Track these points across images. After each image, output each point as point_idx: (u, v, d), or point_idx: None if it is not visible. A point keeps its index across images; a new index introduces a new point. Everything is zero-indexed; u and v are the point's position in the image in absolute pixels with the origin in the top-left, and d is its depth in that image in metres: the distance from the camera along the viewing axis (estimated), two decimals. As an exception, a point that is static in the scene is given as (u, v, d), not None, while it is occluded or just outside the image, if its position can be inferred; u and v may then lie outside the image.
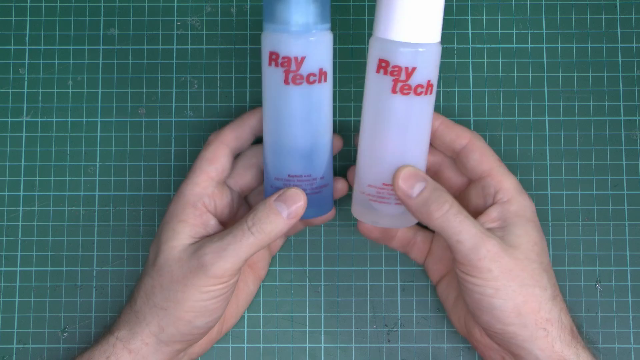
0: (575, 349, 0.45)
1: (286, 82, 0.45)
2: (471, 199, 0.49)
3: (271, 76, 0.45)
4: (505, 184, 0.47)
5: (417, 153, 0.47)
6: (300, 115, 0.46)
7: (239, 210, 0.50)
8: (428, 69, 0.44)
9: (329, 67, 0.46)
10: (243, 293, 0.51)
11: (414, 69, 0.44)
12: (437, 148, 0.50)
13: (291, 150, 0.47)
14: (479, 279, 0.45)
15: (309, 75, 0.45)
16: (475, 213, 0.48)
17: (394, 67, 0.44)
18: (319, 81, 0.45)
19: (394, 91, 0.44)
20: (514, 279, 0.45)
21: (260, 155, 0.50)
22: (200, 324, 0.46)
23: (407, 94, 0.44)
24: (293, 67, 0.44)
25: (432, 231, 0.52)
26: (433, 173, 0.51)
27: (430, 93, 0.45)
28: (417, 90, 0.44)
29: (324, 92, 0.46)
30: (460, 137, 0.49)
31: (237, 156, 0.50)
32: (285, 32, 0.44)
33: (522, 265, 0.45)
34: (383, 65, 0.44)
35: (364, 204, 0.48)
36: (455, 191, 0.51)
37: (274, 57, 0.45)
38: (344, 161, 0.54)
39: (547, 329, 0.45)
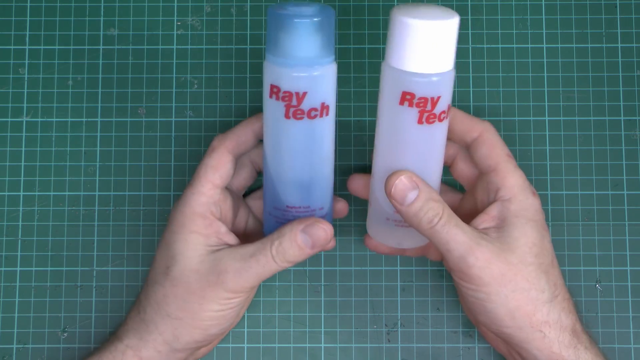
0: (575, 350, 0.45)
1: (287, 116, 0.44)
2: (477, 193, 0.49)
3: (272, 109, 0.44)
4: (508, 181, 0.47)
5: (437, 172, 0.47)
6: (300, 148, 0.45)
7: (239, 210, 0.50)
8: (448, 94, 0.44)
9: (331, 101, 0.44)
10: None
11: (439, 97, 0.43)
12: (451, 139, 0.49)
13: (290, 182, 0.46)
14: (471, 284, 0.45)
15: (310, 110, 0.43)
16: (479, 207, 0.48)
17: (420, 98, 0.43)
18: (321, 115, 0.44)
19: (420, 122, 0.43)
20: (506, 285, 0.44)
21: (253, 152, 0.50)
22: (216, 331, 0.47)
23: (432, 122, 0.44)
24: (294, 102, 0.43)
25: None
26: (447, 164, 0.51)
27: (449, 115, 0.45)
28: (441, 117, 0.44)
29: (326, 126, 0.45)
30: (472, 129, 0.48)
31: None
32: (287, 66, 0.43)
33: (516, 269, 0.45)
34: (408, 98, 0.43)
35: (390, 229, 0.48)
36: (468, 183, 0.50)
37: (275, 90, 0.43)
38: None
39: (544, 331, 0.45)
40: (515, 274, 0.45)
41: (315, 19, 0.42)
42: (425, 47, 0.42)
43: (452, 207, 0.50)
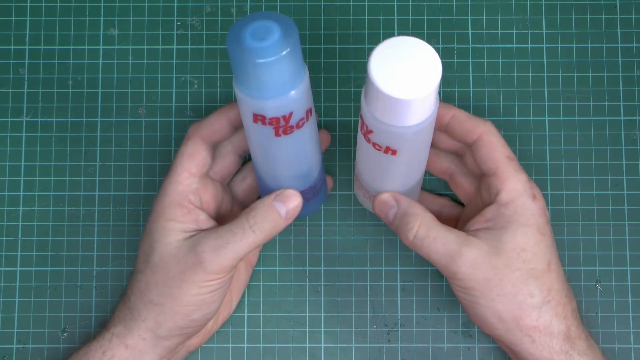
0: (567, 356, 0.45)
1: (277, 134, 0.43)
2: (483, 193, 0.48)
3: (259, 132, 0.43)
4: (508, 185, 0.46)
5: (400, 182, 0.47)
6: (294, 153, 0.45)
7: (224, 198, 0.50)
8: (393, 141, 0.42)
9: (312, 101, 0.44)
10: (236, 282, 0.51)
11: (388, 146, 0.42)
12: (454, 139, 0.49)
13: (286, 178, 0.47)
14: (460, 287, 0.46)
15: (298, 121, 0.43)
16: (483, 208, 0.48)
17: (368, 130, 0.42)
18: (307, 119, 0.43)
19: (368, 141, 0.43)
20: (491, 289, 0.45)
21: (235, 139, 0.50)
22: (198, 316, 0.46)
23: (379, 150, 0.43)
24: (282, 122, 0.42)
25: (458, 209, 0.52)
26: (448, 178, 0.52)
27: (395, 155, 0.43)
28: (387, 151, 0.43)
29: (313, 124, 0.45)
30: (472, 132, 0.47)
31: None
32: (266, 98, 0.40)
33: (502, 274, 0.45)
34: (364, 129, 0.43)
35: (357, 183, 0.50)
36: (470, 195, 0.50)
37: (259, 117, 0.42)
38: (347, 160, 0.54)
39: (533, 336, 0.45)
40: (500, 279, 0.45)
41: (279, 54, 0.39)
42: (376, 98, 0.40)
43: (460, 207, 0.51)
